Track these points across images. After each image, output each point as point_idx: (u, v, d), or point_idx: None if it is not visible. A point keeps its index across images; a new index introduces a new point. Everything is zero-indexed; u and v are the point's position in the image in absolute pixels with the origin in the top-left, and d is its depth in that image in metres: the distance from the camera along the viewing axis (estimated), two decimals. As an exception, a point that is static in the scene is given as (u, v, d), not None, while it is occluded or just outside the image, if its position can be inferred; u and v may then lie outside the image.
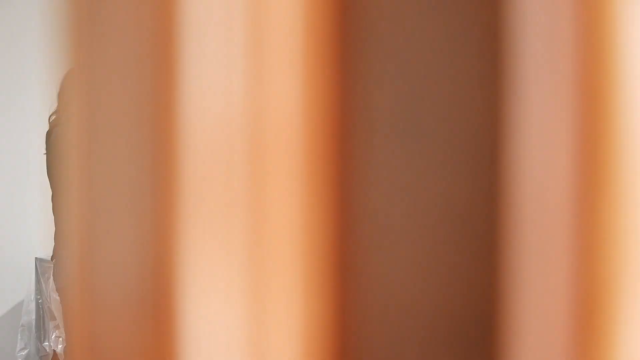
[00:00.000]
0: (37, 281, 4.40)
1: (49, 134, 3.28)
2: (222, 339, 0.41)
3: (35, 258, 4.41)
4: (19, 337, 4.48)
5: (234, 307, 0.41)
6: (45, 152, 3.28)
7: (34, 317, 4.42)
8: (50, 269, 4.13)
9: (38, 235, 3.38)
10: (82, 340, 0.44)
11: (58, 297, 3.69)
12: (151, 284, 0.41)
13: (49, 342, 4.29)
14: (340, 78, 0.42)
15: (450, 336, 0.43)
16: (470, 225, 0.43)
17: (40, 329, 4.41)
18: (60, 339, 4.15)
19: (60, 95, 3.34)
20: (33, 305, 4.42)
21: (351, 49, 0.42)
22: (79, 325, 0.44)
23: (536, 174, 0.39)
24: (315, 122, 0.41)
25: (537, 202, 0.39)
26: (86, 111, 0.43)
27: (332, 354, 0.41)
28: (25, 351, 4.43)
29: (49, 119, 3.40)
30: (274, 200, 0.41)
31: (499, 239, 0.42)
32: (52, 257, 3.33)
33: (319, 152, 0.41)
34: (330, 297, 0.42)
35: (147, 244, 0.41)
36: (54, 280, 3.33)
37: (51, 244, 3.36)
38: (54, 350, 4.28)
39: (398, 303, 0.43)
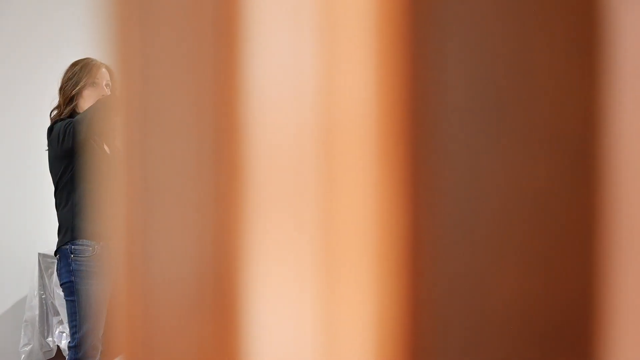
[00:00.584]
0: (40, 277, 4.40)
1: (50, 130, 3.29)
2: (291, 336, 0.40)
3: (38, 254, 4.41)
4: (22, 333, 4.49)
5: (304, 304, 0.40)
6: (47, 148, 3.29)
7: (37, 312, 4.43)
8: (53, 265, 4.13)
9: (40, 231, 3.38)
10: (136, 340, 0.43)
11: (61, 293, 3.70)
12: (213, 282, 0.40)
13: (52, 337, 4.30)
14: (414, 71, 0.41)
15: (541, 338, 0.42)
16: (563, 221, 0.42)
17: (44, 324, 4.42)
18: (64, 334, 4.15)
19: (60, 91, 3.35)
20: (36, 301, 4.42)
21: (426, 43, 0.41)
22: (133, 325, 0.43)
23: (636, 168, 0.38)
24: (387, 117, 0.40)
25: (636, 198, 0.38)
26: (140, 106, 0.42)
27: (403, 351, 0.41)
28: (29, 347, 4.44)
29: (50, 115, 3.40)
30: (345, 196, 0.40)
31: (595, 237, 0.41)
32: (55, 253, 3.34)
33: (391, 148, 0.40)
34: (402, 295, 0.41)
35: (209, 241, 0.40)
36: (58, 275, 3.33)
37: (53, 239, 3.36)
38: (58, 346, 4.28)
39: (477, 302, 0.42)
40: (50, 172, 3.34)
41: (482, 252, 0.42)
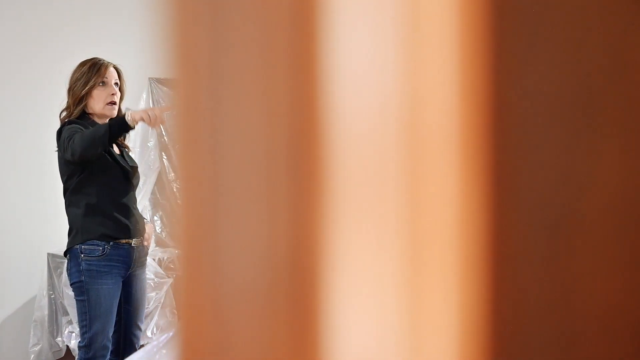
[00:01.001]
0: (50, 277, 4.41)
1: (59, 133, 3.28)
2: (373, 336, 0.40)
3: (47, 254, 4.42)
4: (32, 333, 4.50)
5: (386, 303, 0.40)
6: (56, 149, 3.29)
7: (46, 312, 4.43)
8: (62, 265, 4.13)
9: (50, 231, 3.38)
10: (207, 344, 0.43)
11: (71, 293, 3.70)
12: (289, 283, 0.39)
13: (61, 337, 4.30)
14: (498, 67, 0.40)
15: (636, 341, 0.42)
16: None
17: (53, 324, 4.42)
18: (73, 334, 4.16)
19: (69, 91, 3.34)
20: (45, 301, 4.43)
21: (510, 37, 0.41)
22: (204, 329, 0.43)
23: None
24: (471, 115, 0.40)
25: None
26: (209, 104, 0.42)
27: (486, 351, 0.40)
28: (38, 347, 4.45)
29: (60, 115, 3.40)
30: (428, 194, 0.40)
31: None
32: (65, 253, 3.34)
33: (475, 146, 0.40)
34: (485, 294, 0.41)
35: (284, 240, 0.40)
36: (68, 275, 3.33)
37: (62, 239, 3.36)
38: (67, 346, 4.29)
39: (562, 303, 0.41)
40: (60, 173, 3.34)
41: (568, 252, 0.42)
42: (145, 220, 3.59)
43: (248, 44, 0.40)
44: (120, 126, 3.14)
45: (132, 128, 3.16)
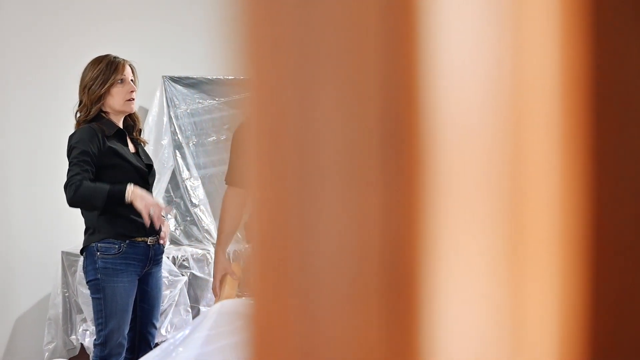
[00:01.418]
0: (64, 275, 4.41)
1: (71, 137, 3.28)
2: (476, 331, 0.39)
3: (62, 252, 4.42)
4: (46, 331, 4.50)
5: (490, 299, 0.39)
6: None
7: (60, 310, 4.44)
8: (76, 263, 4.14)
9: (64, 229, 3.39)
10: (293, 346, 0.42)
11: (85, 291, 3.70)
12: (384, 281, 0.38)
13: (76, 335, 4.30)
14: (598, 64, 0.39)
15: None
16: None
17: (67, 322, 4.42)
18: (88, 332, 4.16)
19: (84, 90, 3.34)
20: (60, 299, 4.43)
21: (609, 34, 0.40)
22: (290, 330, 0.42)
23: None
24: (573, 111, 0.39)
25: None
26: (295, 96, 0.41)
27: (587, 347, 0.39)
28: (52, 345, 4.45)
29: (75, 116, 3.40)
30: (531, 189, 0.39)
31: None
32: (81, 251, 3.34)
33: (577, 142, 0.39)
34: (586, 292, 0.40)
35: (378, 235, 0.39)
36: (84, 273, 3.34)
37: (77, 237, 3.36)
38: (81, 344, 4.29)
39: None
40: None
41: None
42: (162, 218, 3.58)
43: (338, 34, 0.39)
44: (117, 200, 3.19)
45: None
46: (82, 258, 3.34)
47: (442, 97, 0.38)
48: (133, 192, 3.19)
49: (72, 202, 3.20)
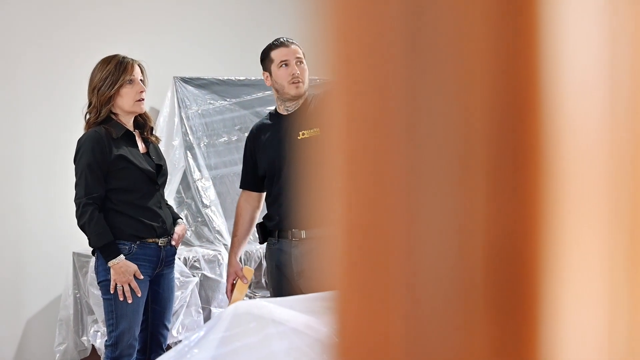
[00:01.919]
0: (75, 276, 4.41)
1: (79, 141, 3.28)
2: (601, 337, 0.37)
3: (73, 253, 4.42)
4: (57, 332, 4.50)
5: (615, 303, 0.37)
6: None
7: (71, 311, 4.43)
8: (87, 264, 4.13)
9: (75, 230, 3.38)
10: (399, 347, 0.40)
11: (97, 292, 3.70)
12: (501, 280, 0.37)
13: (87, 336, 4.30)
14: None
15: None
16: None
17: (78, 323, 4.42)
18: (99, 333, 4.15)
19: (94, 92, 3.33)
20: (71, 300, 4.43)
21: None
22: (395, 331, 0.40)
23: None
24: None
25: None
26: (404, 100, 0.39)
27: None
28: (63, 346, 4.45)
29: (85, 117, 3.39)
30: None
31: None
32: (93, 252, 3.34)
33: None
34: None
35: (498, 235, 0.37)
36: (95, 274, 3.33)
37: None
38: (92, 345, 4.28)
39: None
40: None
41: None
42: (179, 220, 3.57)
43: (451, 30, 0.37)
44: (105, 257, 3.25)
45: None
46: (93, 259, 3.33)
47: (561, 94, 0.36)
48: (118, 265, 3.26)
49: (79, 226, 3.30)
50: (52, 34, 4.72)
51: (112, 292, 3.27)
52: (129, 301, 3.26)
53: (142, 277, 3.26)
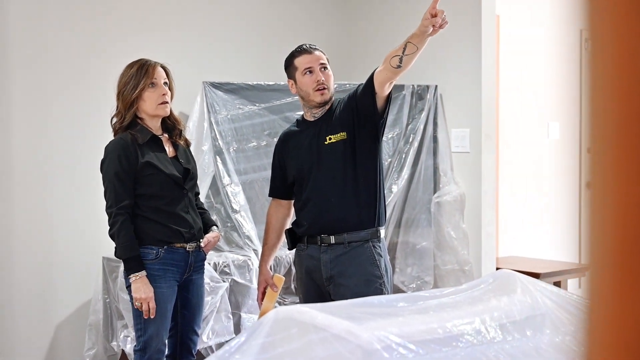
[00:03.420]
0: (105, 280, 4.41)
1: (105, 149, 3.27)
2: None
3: (103, 257, 4.42)
4: (87, 337, 4.50)
5: None
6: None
7: (101, 316, 4.43)
8: (117, 269, 4.13)
9: (105, 235, 3.38)
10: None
11: (126, 296, 3.69)
12: None
13: (117, 341, 4.29)
14: None
15: None
16: None
17: (108, 328, 4.42)
18: (129, 338, 4.15)
19: (118, 96, 3.33)
20: (100, 305, 4.43)
21: None
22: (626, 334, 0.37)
23: None
24: None
25: None
26: None
27: None
28: (93, 351, 4.45)
29: (111, 122, 3.39)
30: None
31: None
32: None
33: None
34: None
35: None
36: (125, 278, 3.32)
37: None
38: (122, 350, 4.28)
39: None
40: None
41: None
42: (214, 227, 3.56)
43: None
44: (127, 269, 3.27)
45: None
46: (122, 263, 3.33)
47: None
48: (139, 280, 3.26)
49: (109, 234, 3.31)
50: (83, 40, 4.74)
51: (138, 309, 3.26)
52: (152, 316, 3.25)
53: (154, 306, 3.27)
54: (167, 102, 3.37)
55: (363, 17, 5.87)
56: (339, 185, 3.34)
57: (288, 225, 3.60)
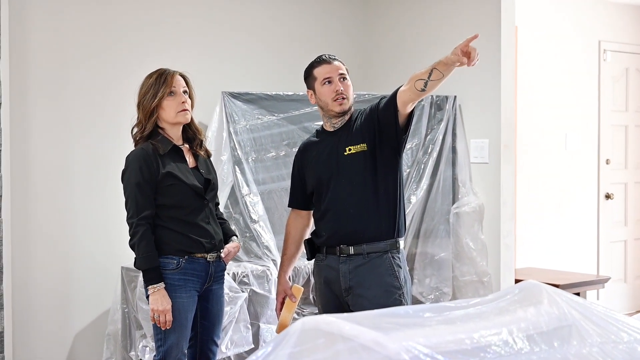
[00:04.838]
0: (123, 290, 4.40)
1: (127, 159, 3.27)
2: None
3: (121, 267, 4.42)
4: (105, 347, 4.50)
5: None
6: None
7: (119, 326, 4.43)
8: (136, 278, 4.13)
9: (124, 245, 3.38)
10: None
11: (145, 306, 3.68)
12: None
13: (135, 351, 4.28)
14: None
15: None
16: None
17: (127, 338, 4.41)
18: (147, 348, 4.14)
19: (138, 106, 3.33)
20: (119, 315, 4.42)
21: None
22: None
23: None
24: None
25: None
26: None
27: None
28: (111, 360, 4.44)
29: (132, 132, 3.40)
30: None
31: None
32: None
33: None
34: None
35: None
36: (144, 288, 3.32)
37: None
38: (141, 360, 4.27)
39: None
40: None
41: None
42: (234, 238, 3.56)
43: None
44: (146, 280, 3.26)
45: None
46: (142, 273, 3.32)
47: None
48: (157, 292, 3.25)
49: (129, 245, 3.30)
50: (105, 51, 4.75)
51: (152, 321, 3.26)
52: (168, 327, 3.24)
53: (171, 318, 3.26)
54: (187, 110, 3.38)
55: (383, 28, 5.87)
56: (359, 196, 3.33)
57: (307, 236, 3.59)
